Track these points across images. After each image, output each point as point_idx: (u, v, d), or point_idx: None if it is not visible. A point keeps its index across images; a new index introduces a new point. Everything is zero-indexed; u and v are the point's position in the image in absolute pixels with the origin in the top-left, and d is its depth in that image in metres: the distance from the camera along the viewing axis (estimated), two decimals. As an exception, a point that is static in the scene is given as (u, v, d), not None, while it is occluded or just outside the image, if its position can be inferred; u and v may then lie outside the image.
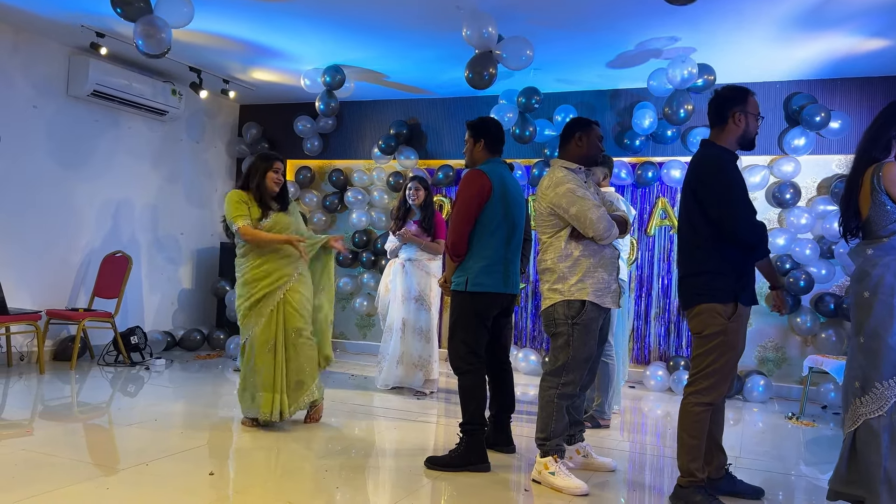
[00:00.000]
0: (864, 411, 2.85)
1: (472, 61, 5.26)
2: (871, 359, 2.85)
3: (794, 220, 6.11)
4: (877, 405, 2.81)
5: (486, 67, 5.22)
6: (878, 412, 2.80)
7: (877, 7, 4.55)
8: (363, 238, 7.68)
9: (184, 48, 6.15)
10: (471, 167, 3.85)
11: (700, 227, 3.14)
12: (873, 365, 2.84)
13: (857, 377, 2.90)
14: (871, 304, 2.86)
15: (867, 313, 2.88)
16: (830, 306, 5.91)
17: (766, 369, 6.27)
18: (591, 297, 3.35)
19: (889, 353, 2.80)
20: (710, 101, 3.28)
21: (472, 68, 5.26)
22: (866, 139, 3.00)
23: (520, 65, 5.23)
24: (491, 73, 5.25)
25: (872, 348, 2.85)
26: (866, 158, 2.97)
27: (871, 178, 2.90)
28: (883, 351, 2.81)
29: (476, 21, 4.99)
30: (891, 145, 2.94)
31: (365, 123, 7.82)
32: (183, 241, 7.78)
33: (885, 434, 2.78)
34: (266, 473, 3.46)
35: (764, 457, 4.21)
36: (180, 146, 7.69)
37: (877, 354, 2.83)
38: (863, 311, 2.90)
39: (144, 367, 6.20)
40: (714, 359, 3.11)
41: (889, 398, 2.79)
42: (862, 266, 2.95)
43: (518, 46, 5.17)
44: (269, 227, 4.23)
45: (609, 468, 3.75)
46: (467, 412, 3.68)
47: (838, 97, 6.09)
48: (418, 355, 5.38)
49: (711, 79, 5.71)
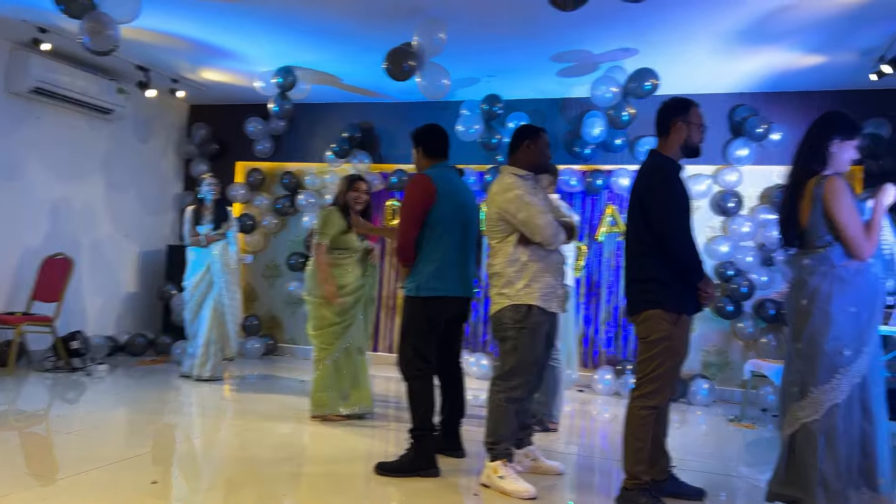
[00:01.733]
0: (802, 415, 2.94)
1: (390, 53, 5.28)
2: (809, 364, 2.94)
3: (736, 229, 6.29)
4: (813, 409, 2.91)
5: (405, 60, 5.22)
6: (815, 416, 2.90)
7: (814, 25, 4.74)
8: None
9: (131, 46, 6.01)
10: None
11: (646, 236, 3.21)
12: (810, 370, 2.93)
13: (795, 382, 3.00)
14: (809, 311, 2.96)
15: (805, 321, 2.98)
16: (771, 312, 6.10)
17: (710, 373, 6.44)
18: (537, 301, 3.40)
19: (825, 359, 2.90)
20: (657, 111, 3.37)
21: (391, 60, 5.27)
22: (805, 151, 3.09)
23: (434, 51, 5.26)
24: (411, 65, 5.24)
25: (809, 354, 2.94)
26: (807, 170, 3.06)
27: (812, 189, 2.99)
28: (819, 357, 2.91)
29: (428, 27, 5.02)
30: (827, 157, 3.05)
31: (318, 126, 7.76)
32: (128, 243, 7.59)
33: (822, 437, 2.88)
34: (211, 481, 3.39)
35: (707, 459, 4.32)
36: (126, 146, 7.50)
37: (813, 360, 2.93)
38: (801, 319, 3.00)
39: (86, 373, 6.02)
40: (659, 363, 3.18)
41: (824, 403, 2.88)
42: (799, 275, 3.05)
43: (431, 36, 5.18)
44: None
45: (557, 471, 3.79)
46: (417, 417, 3.67)
47: (779, 110, 6.30)
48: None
49: (655, 83, 5.75)
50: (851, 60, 5.36)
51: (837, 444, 2.86)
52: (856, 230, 2.92)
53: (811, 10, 4.49)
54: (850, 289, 2.92)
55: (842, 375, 2.88)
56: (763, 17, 4.65)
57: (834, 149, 3.03)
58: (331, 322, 4.64)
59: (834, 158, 3.05)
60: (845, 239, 2.93)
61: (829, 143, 3.04)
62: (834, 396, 2.87)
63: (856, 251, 2.92)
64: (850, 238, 2.92)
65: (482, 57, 5.86)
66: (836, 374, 2.89)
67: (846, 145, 3.05)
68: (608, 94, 5.83)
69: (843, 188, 2.95)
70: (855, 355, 2.89)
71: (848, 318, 2.90)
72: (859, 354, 2.89)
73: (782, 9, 4.49)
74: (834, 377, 2.89)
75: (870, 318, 2.93)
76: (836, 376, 2.88)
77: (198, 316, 5.93)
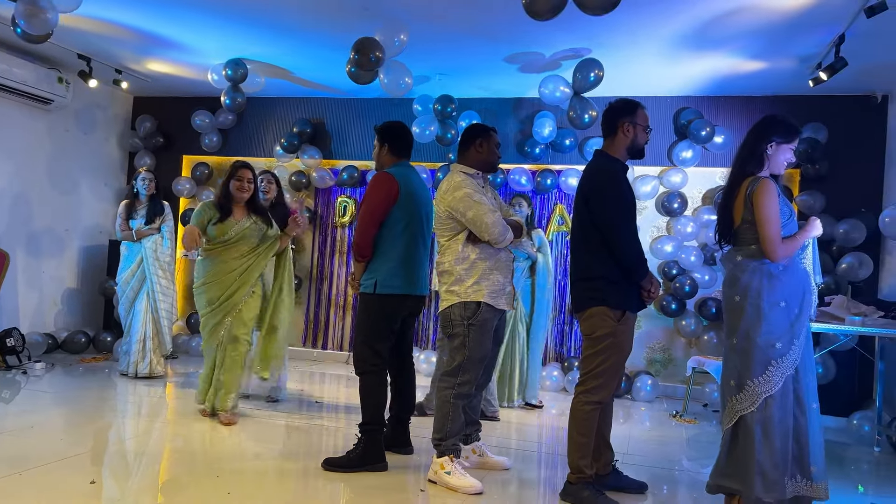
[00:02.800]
0: (740, 408, 3.05)
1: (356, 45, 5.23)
2: (744, 358, 3.05)
3: (680, 229, 6.45)
4: (750, 402, 3.02)
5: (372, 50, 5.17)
6: (752, 408, 3.01)
7: (755, 32, 4.88)
8: (263, 238, 7.50)
9: (72, 34, 5.82)
10: (379, 170, 3.86)
11: (592, 235, 3.27)
12: (746, 364, 3.04)
13: (733, 376, 3.10)
14: (742, 307, 3.07)
15: (738, 316, 3.09)
16: (712, 310, 6.28)
17: (654, 370, 6.58)
18: (486, 298, 3.44)
19: (758, 353, 3.02)
20: (603, 113, 3.44)
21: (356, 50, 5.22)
22: (744, 153, 3.20)
23: (394, 52, 5.25)
24: (378, 57, 5.20)
25: (745, 348, 3.05)
26: (743, 171, 3.17)
27: (745, 189, 3.11)
28: (753, 351, 3.02)
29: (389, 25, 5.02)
30: (764, 159, 3.16)
31: (267, 120, 7.65)
32: (68, 237, 7.35)
33: (758, 427, 2.98)
34: (151, 480, 3.32)
35: (650, 453, 4.42)
36: (67, 137, 7.26)
37: (748, 354, 3.04)
38: (735, 315, 3.11)
39: (21, 371, 5.81)
40: (603, 359, 3.25)
41: (760, 394, 3.00)
42: (732, 272, 3.17)
43: (392, 37, 5.19)
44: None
45: (504, 466, 3.83)
46: (367, 413, 3.68)
47: (722, 113, 6.48)
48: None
49: (600, 74, 5.65)
50: (791, 67, 5.54)
51: (773, 435, 2.96)
52: (773, 231, 3.01)
53: (753, 17, 4.63)
54: (780, 284, 3.04)
55: (775, 367, 3.00)
56: (707, 22, 4.77)
57: (770, 151, 3.14)
58: (203, 310, 4.50)
59: (770, 160, 3.15)
60: (762, 237, 3.03)
61: (766, 146, 3.14)
62: (769, 388, 2.99)
63: (768, 250, 3.02)
64: (766, 237, 3.01)
65: (435, 55, 5.87)
66: (770, 366, 3.00)
67: (783, 148, 3.16)
68: (557, 94, 5.89)
69: (771, 190, 3.06)
70: (786, 348, 3.01)
71: (779, 313, 3.02)
72: (791, 347, 3.01)
73: (725, 15, 4.62)
74: (768, 369, 3.00)
75: (799, 312, 3.05)
76: (769, 368, 3.00)
77: (131, 312, 5.80)
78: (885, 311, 4.61)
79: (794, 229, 3.12)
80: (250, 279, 4.52)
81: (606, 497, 3.28)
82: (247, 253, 4.51)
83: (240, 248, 4.50)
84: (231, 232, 4.46)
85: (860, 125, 6.07)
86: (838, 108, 6.10)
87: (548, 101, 6.01)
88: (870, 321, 4.45)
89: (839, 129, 6.06)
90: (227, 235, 4.45)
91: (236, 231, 4.47)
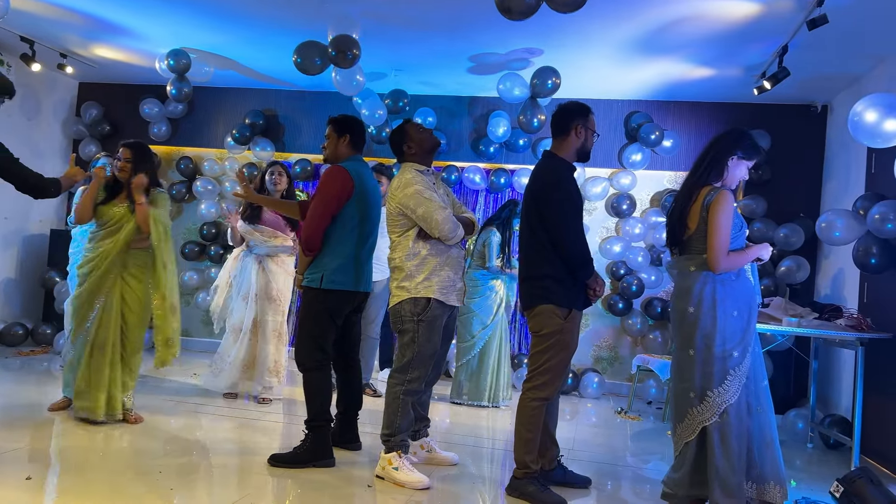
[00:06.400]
0: (702, 419, 3.06)
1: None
2: (705, 369, 3.06)
3: (629, 230, 6.58)
4: (711, 412, 3.04)
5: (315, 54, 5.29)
6: (714, 418, 3.03)
7: (704, 40, 5.02)
8: (212, 230, 7.37)
9: (14, 16, 5.60)
10: (332, 163, 3.81)
11: (540, 234, 3.32)
12: (707, 375, 3.06)
13: (692, 388, 3.10)
14: (697, 317, 3.09)
15: (694, 327, 3.10)
16: (658, 310, 6.43)
17: (601, 367, 6.71)
18: (436, 294, 3.45)
19: (717, 363, 3.04)
20: (554, 113, 3.48)
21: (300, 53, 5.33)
22: (706, 162, 3.20)
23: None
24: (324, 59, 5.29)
25: (705, 359, 3.06)
26: (703, 179, 3.19)
27: (703, 198, 3.13)
28: (713, 361, 3.04)
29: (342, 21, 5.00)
30: (724, 170, 3.20)
31: (219, 111, 7.51)
32: (6, 226, 7.10)
33: (716, 433, 3.02)
34: (91, 475, 3.24)
35: (595, 449, 4.51)
36: (8, 123, 6.99)
37: (709, 364, 3.05)
38: (690, 326, 3.11)
39: (-46, 364, 5.60)
40: (550, 356, 3.30)
41: (720, 404, 3.02)
42: (682, 282, 3.19)
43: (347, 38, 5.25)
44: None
45: (452, 462, 3.86)
46: (312, 409, 3.66)
47: (671, 118, 6.64)
48: (273, 360, 5.06)
49: (557, 81, 5.79)
50: (737, 75, 5.71)
51: (731, 441, 3.00)
52: (721, 242, 3.04)
53: (702, 26, 4.75)
54: (732, 293, 3.09)
55: (732, 377, 3.03)
56: (657, 28, 4.88)
57: (731, 164, 3.18)
58: (73, 297, 4.27)
59: (728, 173, 3.19)
60: (709, 245, 3.06)
61: (728, 158, 3.17)
62: (729, 398, 3.02)
63: (711, 258, 3.05)
64: (713, 246, 3.04)
65: (390, 51, 5.86)
66: (728, 375, 3.03)
67: (742, 163, 3.20)
68: (516, 91, 5.94)
69: (729, 202, 3.08)
70: (742, 356, 3.05)
71: (733, 322, 3.06)
72: (745, 354, 3.05)
73: (676, 22, 4.73)
74: (726, 379, 3.03)
75: (749, 319, 3.10)
76: (727, 378, 3.03)
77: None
78: (820, 313, 4.78)
79: (741, 243, 3.16)
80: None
81: (551, 492, 3.33)
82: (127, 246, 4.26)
83: (112, 234, 4.27)
84: (110, 216, 4.31)
85: (801, 133, 6.30)
86: (781, 116, 6.32)
87: (505, 97, 6.05)
88: (805, 322, 4.61)
89: (781, 137, 6.28)
90: (108, 217, 4.29)
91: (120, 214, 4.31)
